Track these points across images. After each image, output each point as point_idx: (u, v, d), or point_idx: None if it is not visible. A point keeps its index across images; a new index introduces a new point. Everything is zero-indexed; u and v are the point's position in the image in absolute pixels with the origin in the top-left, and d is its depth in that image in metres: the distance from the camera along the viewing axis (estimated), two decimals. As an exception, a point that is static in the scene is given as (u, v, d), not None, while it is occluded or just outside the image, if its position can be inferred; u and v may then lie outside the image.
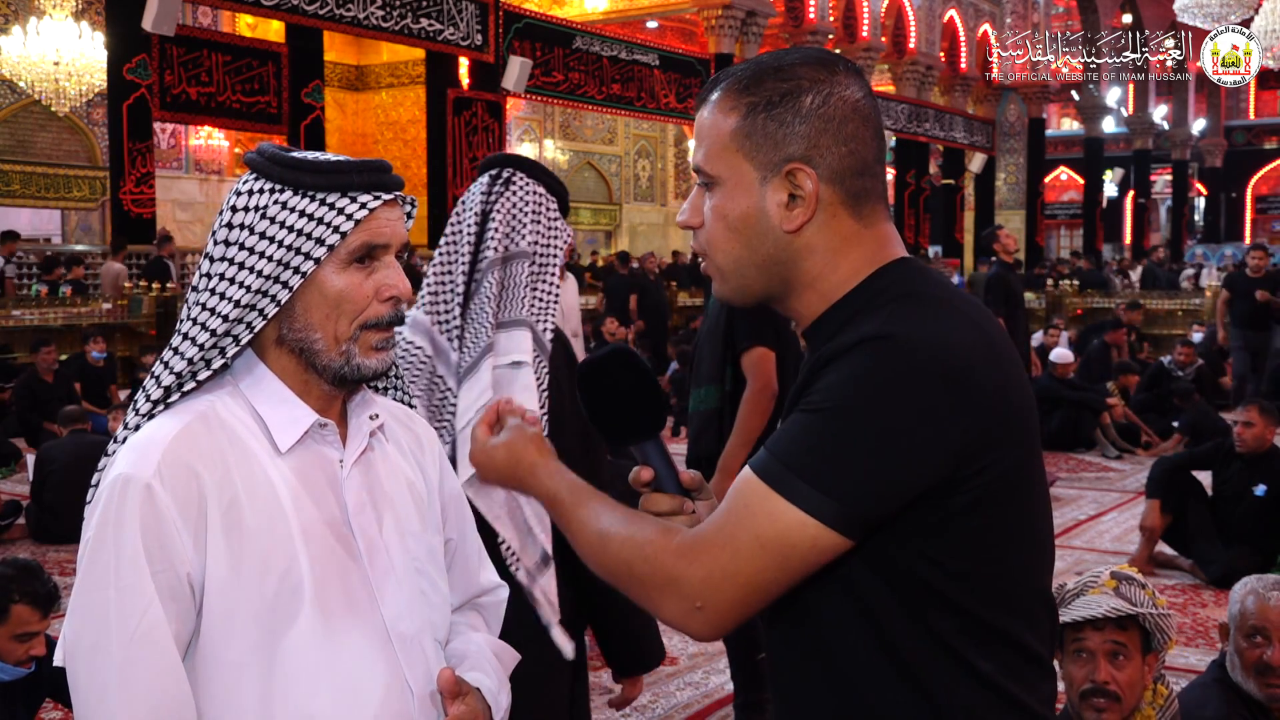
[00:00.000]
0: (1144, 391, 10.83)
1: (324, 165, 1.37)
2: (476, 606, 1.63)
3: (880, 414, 1.16)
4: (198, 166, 19.72)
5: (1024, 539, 1.26)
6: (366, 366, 1.39)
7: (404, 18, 14.30)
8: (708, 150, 1.31)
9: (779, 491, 1.17)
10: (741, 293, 1.34)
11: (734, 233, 1.30)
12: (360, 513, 1.41)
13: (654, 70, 18.82)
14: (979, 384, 1.19)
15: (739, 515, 1.20)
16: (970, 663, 1.21)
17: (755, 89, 1.28)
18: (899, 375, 1.17)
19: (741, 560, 1.18)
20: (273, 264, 1.34)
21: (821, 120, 1.26)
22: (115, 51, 12.23)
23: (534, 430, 1.42)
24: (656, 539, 1.24)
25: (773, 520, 1.18)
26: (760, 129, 1.27)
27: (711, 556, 1.20)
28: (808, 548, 1.17)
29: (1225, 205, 35.77)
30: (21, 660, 3.22)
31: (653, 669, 2.64)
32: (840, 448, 1.17)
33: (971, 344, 1.21)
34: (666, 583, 1.22)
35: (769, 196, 1.28)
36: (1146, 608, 2.39)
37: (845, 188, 1.28)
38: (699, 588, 1.20)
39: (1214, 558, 6.03)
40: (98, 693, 1.28)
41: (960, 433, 1.17)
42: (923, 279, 1.29)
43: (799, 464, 1.17)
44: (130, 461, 1.31)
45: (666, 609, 1.23)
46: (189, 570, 1.30)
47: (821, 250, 1.29)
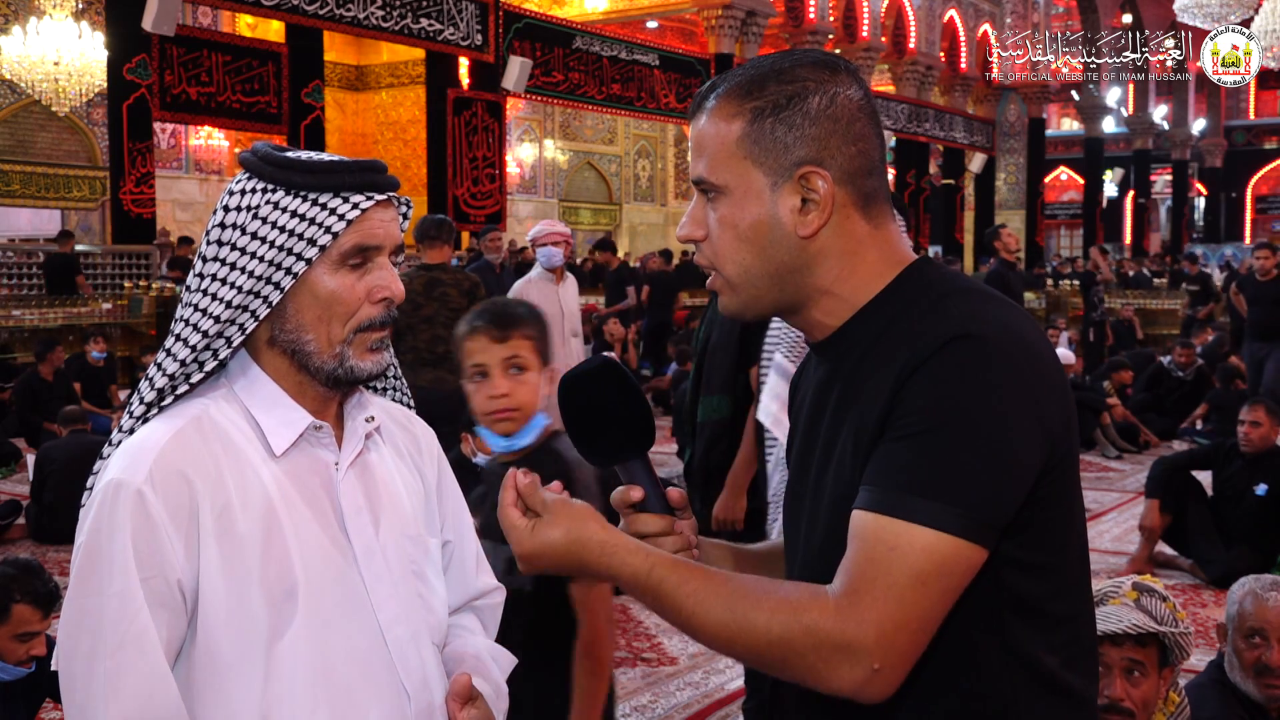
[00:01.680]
0: (1143, 392, 10.82)
1: (316, 165, 1.35)
2: (474, 609, 1.62)
3: (989, 416, 1.13)
4: (198, 166, 19.72)
5: (1079, 528, 1.26)
6: (361, 369, 1.38)
7: (404, 18, 14.30)
8: (711, 159, 1.26)
9: (922, 522, 1.10)
10: (752, 304, 1.29)
11: (744, 242, 1.26)
12: (356, 516, 1.40)
13: (654, 70, 18.81)
14: (1054, 369, 1.20)
15: (885, 559, 1.11)
16: (1036, 658, 1.20)
17: (758, 93, 1.25)
18: (995, 373, 1.14)
19: (908, 605, 1.10)
20: (264, 264, 1.33)
21: (830, 121, 1.24)
22: (115, 51, 12.23)
23: (580, 503, 1.26)
24: (809, 604, 1.13)
25: (928, 554, 1.11)
26: (768, 133, 1.24)
27: (876, 611, 1.10)
28: (964, 570, 1.12)
29: (1225, 205, 35.76)
30: (22, 660, 3.22)
31: None
32: (964, 460, 1.12)
33: (1035, 331, 1.22)
34: (837, 651, 1.11)
35: (781, 202, 1.24)
36: (1168, 624, 2.31)
37: (857, 188, 1.25)
38: (874, 648, 1.10)
39: (1214, 558, 6.02)
40: (87, 698, 1.28)
41: (1051, 419, 1.17)
42: (954, 276, 1.29)
43: (934, 488, 1.11)
44: (122, 467, 1.31)
45: (840, 679, 1.12)
46: (180, 576, 1.29)
47: (836, 254, 1.25)
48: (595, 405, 1.30)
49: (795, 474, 1.36)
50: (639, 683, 4.54)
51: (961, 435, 1.12)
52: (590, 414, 1.30)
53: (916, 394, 1.14)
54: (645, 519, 1.31)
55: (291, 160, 1.36)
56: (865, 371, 1.22)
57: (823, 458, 1.27)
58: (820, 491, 1.26)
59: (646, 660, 4.79)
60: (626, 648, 4.94)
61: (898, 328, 1.21)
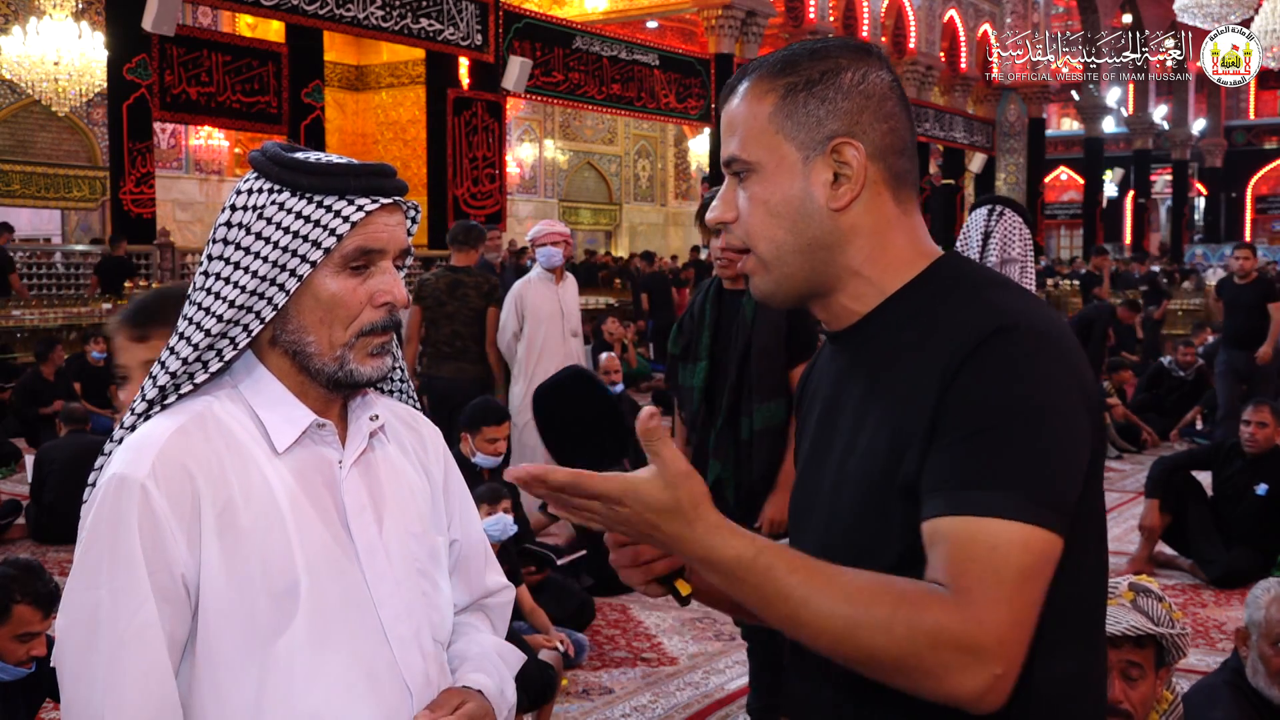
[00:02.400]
0: (1144, 392, 10.83)
1: (322, 167, 1.35)
2: (483, 608, 1.62)
3: (1051, 406, 1.13)
4: (198, 166, 19.72)
5: (1103, 505, 1.27)
6: (361, 373, 1.38)
7: (404, 18, 14.30)
8: (743, 136, 1.26)
9: (1019, 519, 1.09)
10: (784, 283, 1.28)
11: (776, 218, 1.25)
12: (359, 513, 1.40)
13: (654, 70, 18.81)
14: (1084, 358, 1.22)
15: (988, 560, 1.08)
16: (1058, 660, 1.18)
17: (792, 70, 1.25)
18: (1044, 363, 1.15)
19: (1018, 605, 1.08)
20: (268, 265, 1.33)
21: (863, 97, 1.24)
22: (115, 51, 12.23)
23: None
24: (930, 600, 1.08)
25: (1028, 549, 1.09)
26: (801, 107, 1.24)
27: (991, 612, 1.07)
28: (1055, 561, 1.11)
29: (1225, 205, 35.77)
30: (22, 660, 3.22)
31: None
32: (1041, 453, 1.11)
33: (1065, 322, 1.25)
34: (961, 653, 1.06)
35: (813, 176, 1.24)
36: (1165, 625, 2.31)
37: (888, 166, 1.26)
38: (996, 650, 1.06)
39: (1214, 557, 6.02)
40: (85, 692, 1.28)
41: (1092, 406, 1.19)
42: (986, 270, 1.31)
43: (1020, 484, 1.10)
44: (125, 461, 1.31)
45: (961, 684, 1.07)
46: (183, 571, 1.30)
47: (867, 232, 1.25)
48: (569, 417, 1.28)
49: (808, 465, 1.35)
50: (639, 683, 4.54)
51: (1031, 428, 1.12)
52: (565, 426, 1.28)
53: (972, 390, 1.14)
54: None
55: (299, 161, 1.35)
56: (896, 360, 1.22)
57: (845, 446, 1.26)
58: (843, 480, 1.25)
59: (646, 660, 4.79)
60: (626, 648, 4.94)
61: (930, 317, 1.21)
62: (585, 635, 4.96)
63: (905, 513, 1.16)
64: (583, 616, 5.08)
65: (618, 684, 4.53)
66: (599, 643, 4.98)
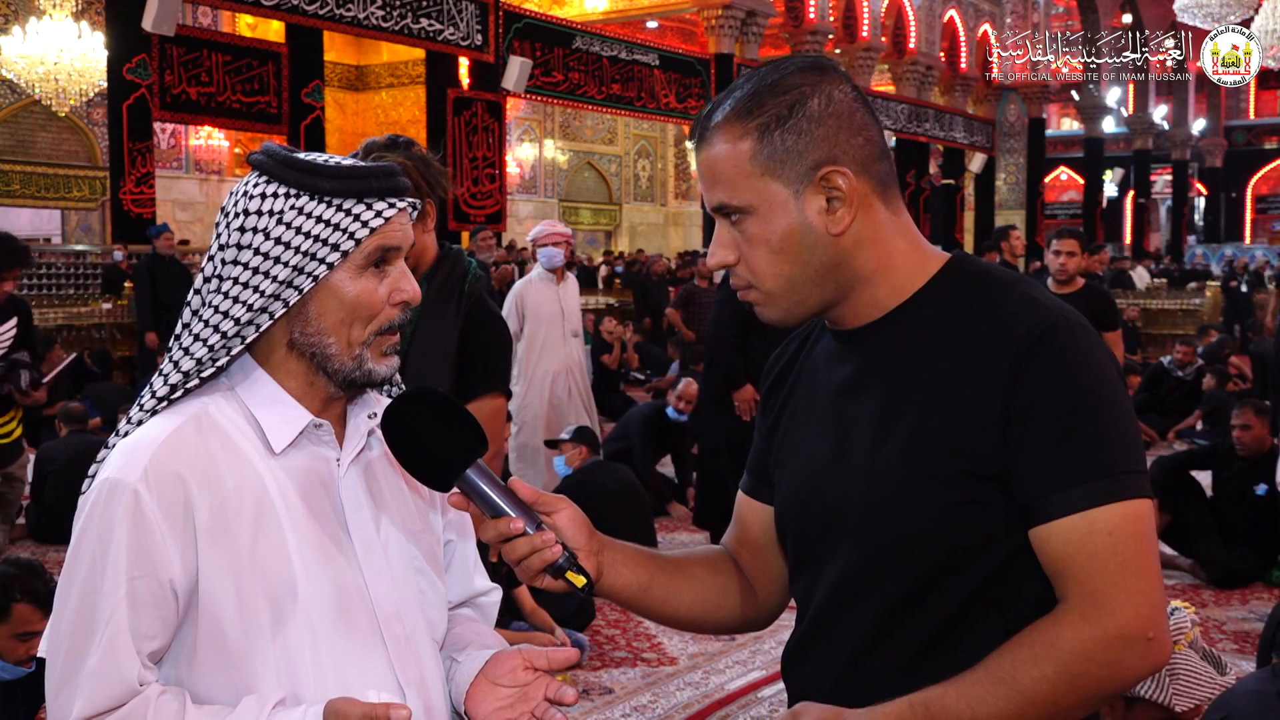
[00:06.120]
0: (1144, 392, 10.82)
1: (341, 171, 1.36)
2: (474, 605, 1.63)
3: (1115, 389, 1.25)
4: (198, 166, 19.73)
5: None
6: (377, 372, 1.39)
7: (404, 18, 14.30)
8: (729, 184, 1.30)
9: (1123, 497, 1.20)
10: (797, 310, 1.34)
11: (780, 254, 1.30)
12: (356, 512, 1.41)
13: (654, 70, 18.81)
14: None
15: (1108, 546, 1.20)
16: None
17: (758, 110, 1.28)
18: (1096, 351, 1.25)
19: (1143, 570, 1.20)
20: (287, 269, 1.33)
21: (834, 119, 1.28)
22: (115, 51, 12.23)
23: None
24: (1055, 631, 1.20)
25: (1136, 519, 1.21)
26: (780, 145, 1.27)
27: (1122, 591, 1.19)
28: (1154, 519, 1.25)
29: (1225, 205, 35.77)
30: (22, 660, 3.22)
31: None
32: (1120, 431, 1.22)
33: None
34: (1110, 648, 1.19)
35: (807, 207, 1.28)
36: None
37: (872, 175, 1.31)
38: (1137, 621, 1.19)
39: (1214, 558, 6.03)
40: (60, 687, 1.30)
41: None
42: (998, 268, 1.38)
43: (1115, 466, 1.21)
44: (119, 466, 1.32)
45: (1130, 668, 1.20)
46: (172, 576, 1.30)
47: (869, 242, 1.31)
48: (410, 434, 1.31)
49: (811, 453, 1.38)
50: (639, 683, 4.54)
51: (1105, 413, 1.22)
52: (411, 445, 1.32)
53: (1045, 386, 1.22)
54: (490, 524, 1.31)
55: (316, 165, 1.36)
56: (933, 352, 1.28)
57: (874, 435, 1.30)
58: (880, 469, 1.29)
59: (646, 660, 4.79)
60: (626, 648, 4.94)
61: (963, 311, 1.29)
62: (585, 635, 4.96)
63: (971, 491, 1.24)
64: (583, 616, 5.09)
65: (618, 684, 4.54)
66: (599, 643, 4.98)
